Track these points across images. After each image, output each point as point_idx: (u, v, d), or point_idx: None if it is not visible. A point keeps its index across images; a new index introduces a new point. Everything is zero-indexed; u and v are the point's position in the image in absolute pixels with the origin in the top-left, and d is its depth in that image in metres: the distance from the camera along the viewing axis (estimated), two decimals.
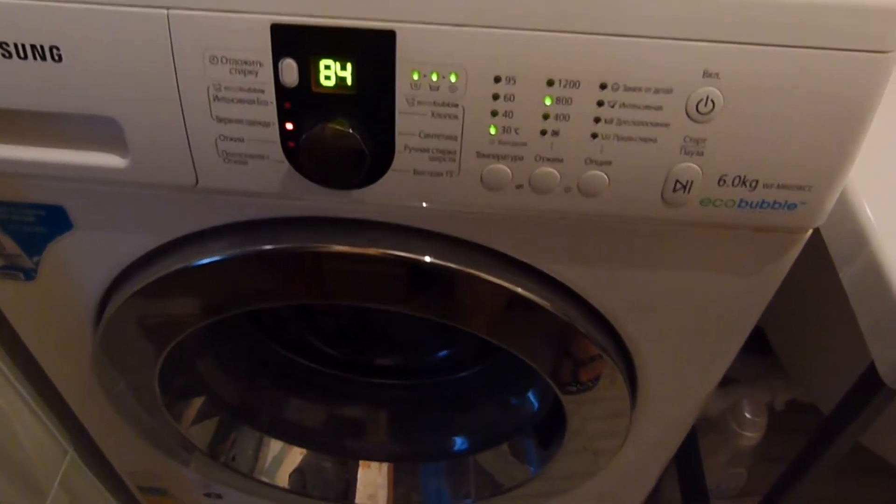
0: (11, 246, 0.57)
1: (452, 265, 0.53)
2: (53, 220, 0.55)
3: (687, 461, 0.95)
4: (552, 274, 0.55)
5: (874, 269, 0.49)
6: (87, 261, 0.58)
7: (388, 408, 0.86)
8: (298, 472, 0.83)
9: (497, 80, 0.42)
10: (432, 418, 0.84)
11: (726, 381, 0.70)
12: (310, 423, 0.84)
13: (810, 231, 0.50)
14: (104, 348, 0.64)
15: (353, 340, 0.86)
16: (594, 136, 0.44)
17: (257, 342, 0.82)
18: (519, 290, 0.54)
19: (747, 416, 0.92)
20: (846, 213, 0.51)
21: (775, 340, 0.91)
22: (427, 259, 0.53)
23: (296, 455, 0.82)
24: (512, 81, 0.42)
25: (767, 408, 0.99)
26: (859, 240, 0.50)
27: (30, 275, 0.59)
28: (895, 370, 0.49)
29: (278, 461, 0.82)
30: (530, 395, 0.78)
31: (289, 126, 0.45)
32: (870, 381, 0.53)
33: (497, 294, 0.55)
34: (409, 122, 0.44)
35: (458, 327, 0.59)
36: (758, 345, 0.91)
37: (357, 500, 0.84)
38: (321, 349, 0.85)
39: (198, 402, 0.77)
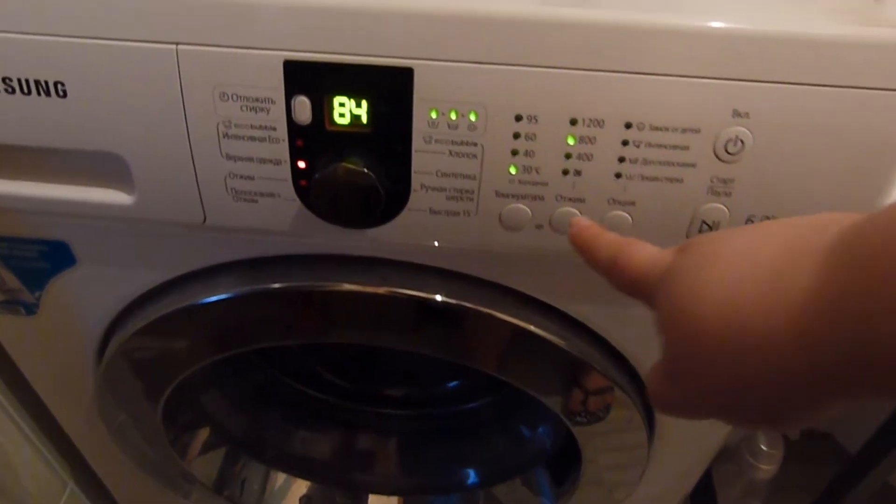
0: (13, 280, 0.55)
1: (466, 304, 0.51)
2: (56, 256, 0.53)
3: (700, 493, 0.93)
4: (568, 311, 0.54)
5: None
6: (90, 296, 0.56)
7: (397, 439, 0.84)
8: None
9: (518, 118, 0.41)
10: (442, 450, 0.82)
11: None
12: (318, 455, 0.83)
13: None
14: (106, 383, 0.62)
15: (362, 370, 0.84)
16: (618, 175, 0.42)
17: (264, 373, 0.80)
18: (533, 328, 0.53)
19: (763, 447, 0.90)
20: None
21: None
22: (438, 298, 0.51)
23: (303, 488, 0.80)
24: (534, 120, 0.41)
25: (783, 436, 0.97)
26: None
27: (31, 309, 0.58)
28: None
29: (285, 494, 0.80)
30: (543, 427, 0.76)
31: (301, 164, 0.43)
32: (893, 428, 0.52)
33: (511, 333, 0.53)
34: (425, 161, 0.43)
35: (472, 367, 0.57)
36: None
37: None
38: (330, 380, 0.83)
39: (202, 436, 0.75)
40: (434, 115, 0.41)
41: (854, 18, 0.39)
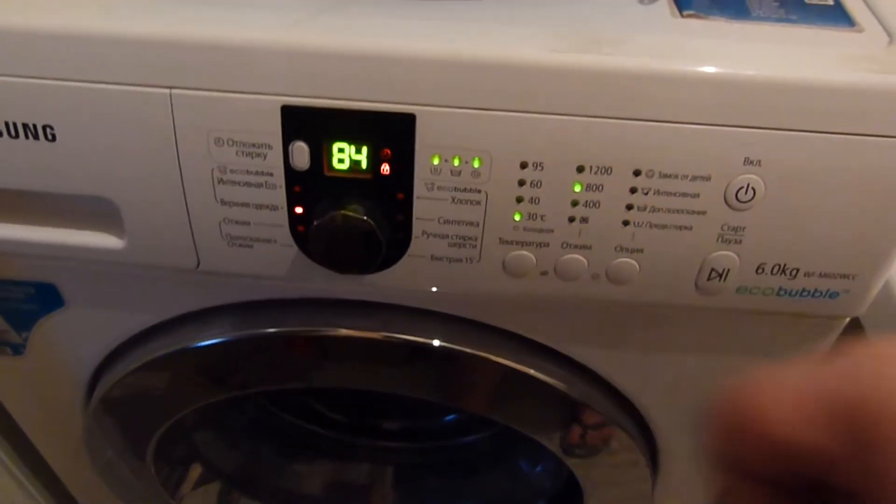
0: None
1: (464, 349, 0.50)
2: (44, 298, 0.51)
3: None
4: (571, 355, 0.52)
5: None
6: (78, 338, 0.55)
7: (393, 472, 0.82)
8: None
9: (524, 165, 0.39)
10: (439, 485, 0.81)
11: None
12: (313, 489, 0.81)
13: (849, 319, 0.48)
14: (95, 424, 0.60)
15: (358, 403, 0.82)
16: (626, 223, 0.41)
17: (258, 407, 0.79)
18: (532, 371, 0.51)
19: None
20: (887, 300, 0.48)
21: None
22: (436, 343, 0.50)
23: None
24: (539, 167, 0.39)
25: None
26: None
27: (18, 350, 0.56)
28: None
29: None
30: (543, 464, 0.74)
31: (298, 210, 0.42)
32: None
33: (510, 377, 0.51)
34: (427, 208, 0.41)
35: (471, 411, 0.55)
36: None
37: None
38: (325, 413, 0.81)
39: (195, 472, 0.73)
40: (436, 162, 0.40)
41: (867, 65, 0.38)
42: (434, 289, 0.46)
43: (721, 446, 0.23)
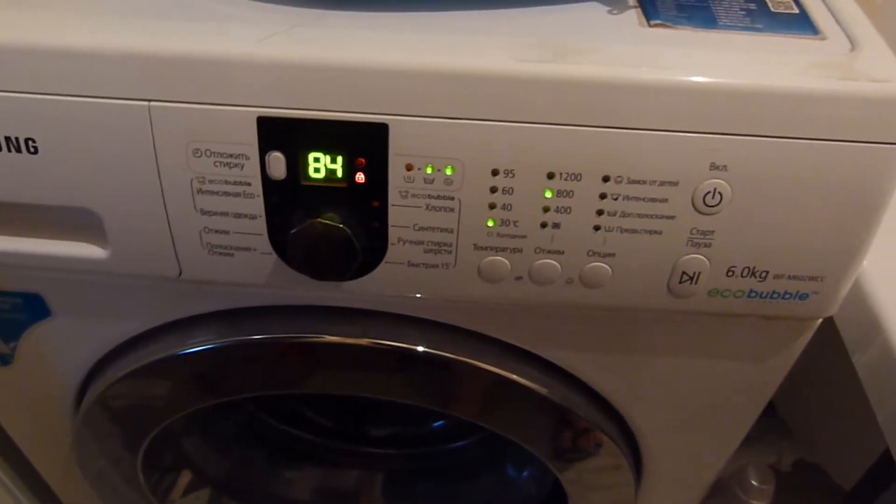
0: None
1: (447, 354, 0.51)
2: (30, 308, 0.52)
3: None
4: (550, 359, 0.53)
5: (888, 359, 0.47)
6: (65, 347, 0.56)
7: (382, 478, 0.83)
8: None
9: (495, 173, 0.40)
10: (428, 490, 0.81)
11: None
12: (302, 495, 0.81)
13: (821, 319, 0.48)
14: (84, 432, 0.61)
15: (347, 409, 0.83)
16: (597, 228, 0.42)
17: (247, 414, 0.79)
18: (515, 377, 0.52)
19: (753, 483, 0.89)
20: (859, 301, 0.49)
21: (782, 403, 0.89)
22: (420, 349, 0.50)
23: None
24: (511, 174, 0.40)
25: (772, 469, 0.96)
26: (873, 328, 0.48)
27: (6, 360, 0.57)
28: None
29: None
30: (530, 469, 0.75)
31: (276, 219, 0.43)
32: (887, 467, 0.51)
33: (494, 383, 0.52)
34: (402, 215, 0.42)
35: (456, 416, 0.56)
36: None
37: None
38: (314, 419, 0.82)
39: (184, 479, 0.74)
40: (410, 170, 0.40)
41: (829, 72, 0.39)
42: (418, 294, 0.46)
43: None
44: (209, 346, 0.52)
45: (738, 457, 0.97)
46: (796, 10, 0.44)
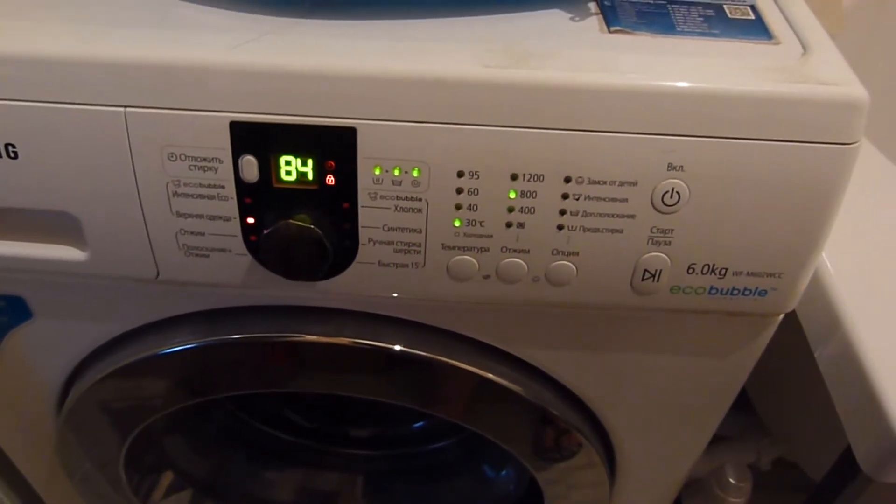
0: None
1: (423, 353, 0.52)
2: (12, 310, 0.53)
3: None
4: (524, 358, 0.54)
5: (848, 353, 0.48)
6: (47, 349, 0.57)
7: (363, 479, 0.84)
8: None
9: (460, 174, 0.42)
10: (408, 491, 0.82)
11: (710, 440, 0.69)
12: (283, 496, 0.82)
13: (782, 315, 0.50)
14: (67, 434, 0.62)
15: (328, 411, 0.84)
16: (560, 227, 0.43)
17: (228, 414, 0.80)
18: (490, 375, 0.53)
19: (731, 481, 0.90)
20: (819, 295, 0.51)
21: (757, 400, 0.90)
22: (397, 348, 0.52)
23: None
24: (475, 176, 0.42)
25: (752, 468, 0.98)
26: (832, 322, 0.49)
27: None
28: (872, 458, 0.48)
29: None
30: (508, 469, 0.76)
31: (250, 220, 0.44)
32: (850, 462, 0.52)
33: (469, 381, 0.54)
34: (372, 216, 0.43)
35: (432, 413, 0.57)
36: (742, 402, 0.90)
37: None
38: (295, 420, 0.83)
39: (166, 479, 0.75)
40: (378, 172, 0.42)
41: (782, 76, 0.40)
42: (391, 294, 0.48)
43: None
44: (188, 347, 0.53)
45: (717, 456, 0.98)
46: (752, 17, 0.46)
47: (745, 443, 1.00)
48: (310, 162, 0.42)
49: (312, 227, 0.43)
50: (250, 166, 0.42)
